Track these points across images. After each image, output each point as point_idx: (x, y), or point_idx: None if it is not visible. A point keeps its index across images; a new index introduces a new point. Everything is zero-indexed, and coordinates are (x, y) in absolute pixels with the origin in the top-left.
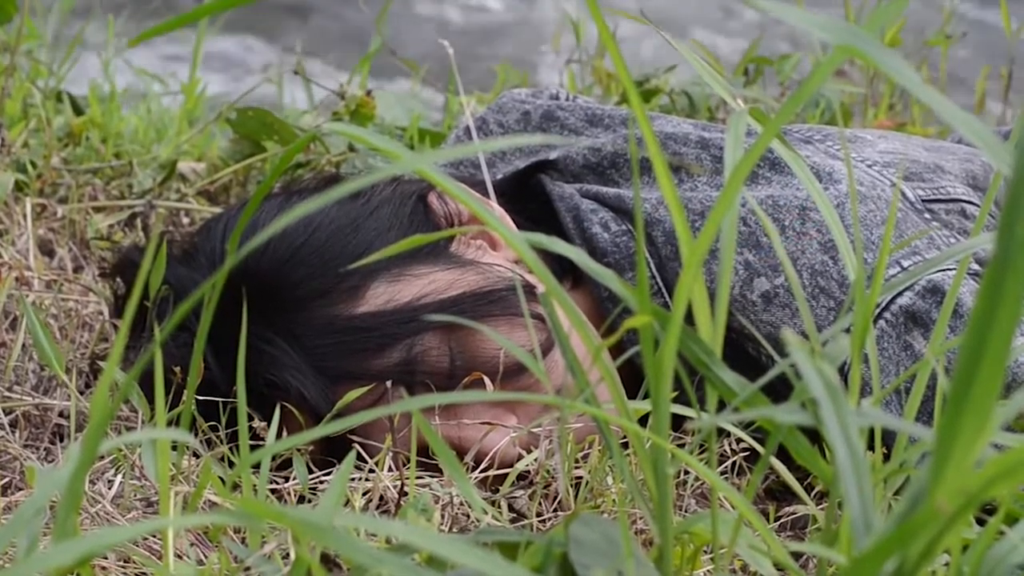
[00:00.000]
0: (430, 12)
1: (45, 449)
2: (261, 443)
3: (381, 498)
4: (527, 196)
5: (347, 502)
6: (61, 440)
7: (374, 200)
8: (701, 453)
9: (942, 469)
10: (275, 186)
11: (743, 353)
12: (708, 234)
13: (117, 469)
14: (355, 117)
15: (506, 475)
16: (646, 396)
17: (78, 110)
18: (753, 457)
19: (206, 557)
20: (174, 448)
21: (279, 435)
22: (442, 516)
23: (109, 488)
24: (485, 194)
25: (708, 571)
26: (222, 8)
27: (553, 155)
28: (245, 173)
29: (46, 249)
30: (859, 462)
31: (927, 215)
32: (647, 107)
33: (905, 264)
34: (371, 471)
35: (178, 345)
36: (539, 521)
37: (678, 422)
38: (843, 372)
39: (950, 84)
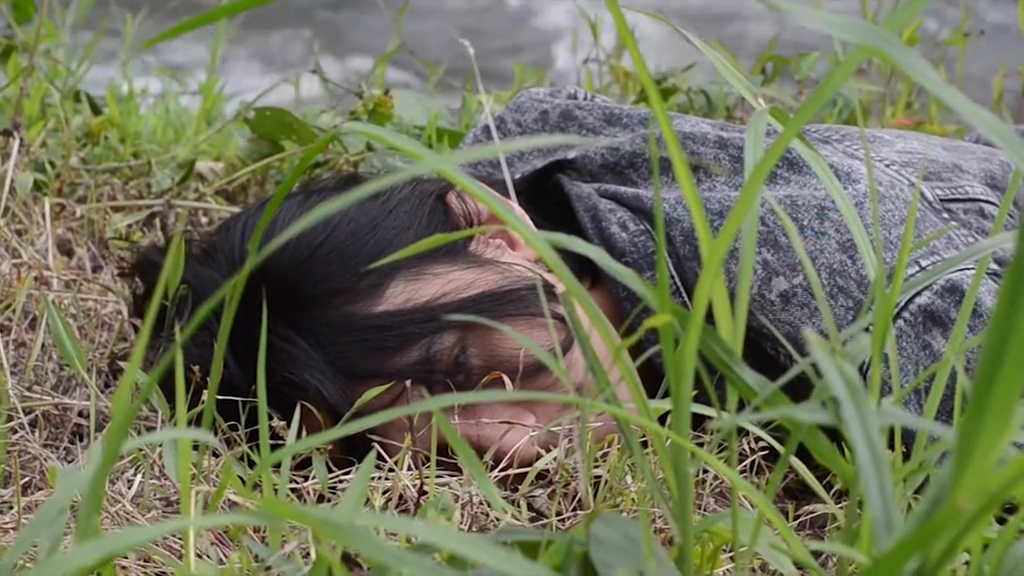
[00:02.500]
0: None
1: (65, 449)
2: (281, 442)
3: (400, 497)
4: (545, 195)
5: (367, 501)
6: (81, 440)
7: (393, 199)
8: (720, 452)
9: (963, 468)
10: (294, 186)
11: (761, 352)
12: (728, 234)
13: (137, 469)
14: (373, 116)
15: (525, 474)
16: (665, 395)
17: (96, 110)
18: (771, 455)
19: (227, 557)
20: (195, 448)
21: (298, 434)
22: (462, 515)
23: (129, 488)
24: (504, 194)
25: (728, 570)
26: (240, 9)
27: (571, 154)
28: (263, 173)
29: (65, 249)
30: (880, 461)
31: (945, 215)
32: (665, 106)
33: (924, 264)
34: (390, 470)
35: (196, 344)
36: (558, 520)
37: (697, 421)
38: (862, 371)
39: (967, 83)
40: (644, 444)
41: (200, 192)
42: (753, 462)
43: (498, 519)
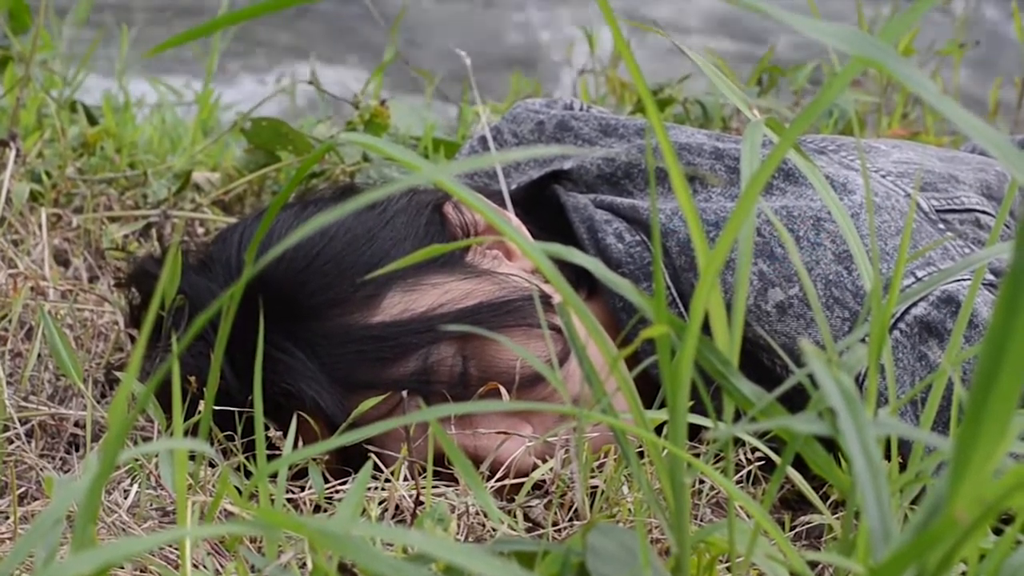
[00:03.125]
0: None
1: (61, 459)
2: (277, 452)
3: (397, 508)
4: (541, 206)
5: (363, 512)
6: (77, 450)
7: (390, 210)
8: (716, 462)
9: (960, 479)
10: (290, 196)
11: (757, 363)
12: (725, 244)
13: (133, 479)
14: (369, 127)
15: (521, 485)
16: (662, 406)
17: (92, 120)
18: (767, 466)
19: (223, 567)
20: (191, 458)
21: (295, 445)
22: (458, 526)
23: (125, 498)
24: (501, 204)
25: None
26: (237, 20)
27: (567, 165)
28: (260, 183)
29: (61, 259)
30: (877, 471)
31: (941, 225)
32: (661, 117)
33: (919, 274)
34: (387, 480)
35: (193, 354)
36: (555, 530)
37: (693, 432)
38: (858, 383)
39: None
40: (640, 455)
41: (196, 202)
42: (749, 473)
43: (494, 529)
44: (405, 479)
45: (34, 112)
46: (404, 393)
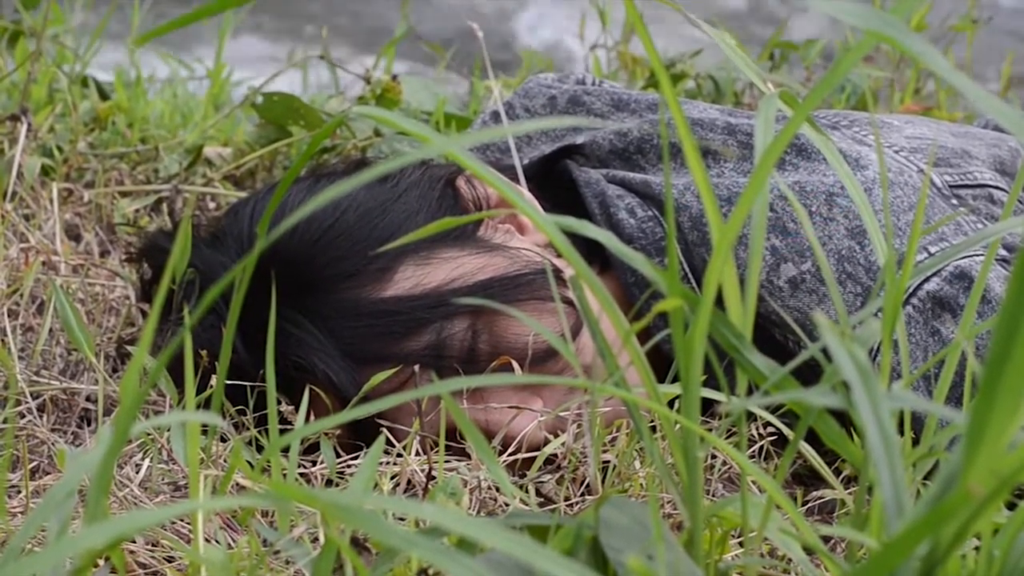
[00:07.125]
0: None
1: (72, 433)
2: (289, 426)
3: (409, 482)
4: (553, 181)
5: (375, 485)
6: (88, 424)
7: (402, 183)
8: (729, 437)
9: (975, 452)
10: (302, 170)
11: (769, 339)
12: (739, 218)
13: (145, 453)
14: (381, 102)
15: (533, 460)
16: (674, 380)
17: (104, 95)
18: (779, 442)
19: (235, 541)
20: (203, 432)
21: (307, 419)
22: (470, 500)
23: (137, 472)
24: (513, 179)
25: (737, 555)
26: (237, 4)
27: (579, 140)
28: (271, 158)
29: (72, 234)
30: (891, 445)
31: (954, 201)
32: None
33: (932, 250)
34: (399, 455)
35: (204, 327)
36: (567, 505)
37: (705, 407)
38: (871, 358)
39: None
40: (653, 429)
41: (208, 177)
42: (761, 448)
43: (507, 504)
44: (417, 453)
45: (45, 87)
46: (416, 367)
